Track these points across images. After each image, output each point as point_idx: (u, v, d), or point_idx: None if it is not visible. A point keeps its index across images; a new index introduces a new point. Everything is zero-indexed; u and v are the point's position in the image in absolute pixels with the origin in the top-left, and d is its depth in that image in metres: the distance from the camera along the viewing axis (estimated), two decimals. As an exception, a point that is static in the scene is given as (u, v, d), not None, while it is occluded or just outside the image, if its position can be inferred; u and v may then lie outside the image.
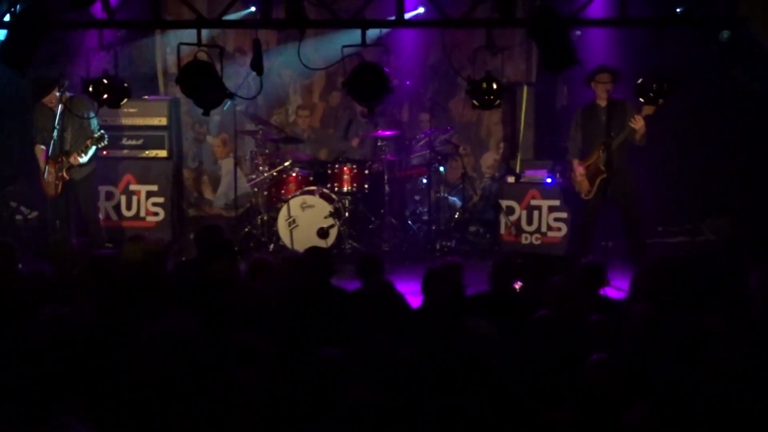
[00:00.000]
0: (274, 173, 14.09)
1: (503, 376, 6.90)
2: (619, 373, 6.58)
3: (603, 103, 12.15)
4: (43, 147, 12.37)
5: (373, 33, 9.63)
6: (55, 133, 12.13)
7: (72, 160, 12.22)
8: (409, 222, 14.58)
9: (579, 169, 12.41)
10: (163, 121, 14.39)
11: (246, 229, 14.10)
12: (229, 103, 11.69)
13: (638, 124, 11.86)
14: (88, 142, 12.23)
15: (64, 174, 12.32)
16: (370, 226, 14.26)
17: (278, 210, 13.64)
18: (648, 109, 11.68)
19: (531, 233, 13.48)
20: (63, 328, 6.82)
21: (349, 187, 13.90)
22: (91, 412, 5.96)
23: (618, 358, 6.83)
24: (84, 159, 12.27)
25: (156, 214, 14.24)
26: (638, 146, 12.11)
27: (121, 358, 6.62)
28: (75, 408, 5.86)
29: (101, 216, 13.70)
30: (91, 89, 10.15)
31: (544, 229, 13.43)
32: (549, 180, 13.52)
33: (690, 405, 6.34)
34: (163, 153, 14.41)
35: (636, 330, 7.40)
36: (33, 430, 5.31)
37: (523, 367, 7.12)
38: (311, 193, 13.64)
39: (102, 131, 12.38)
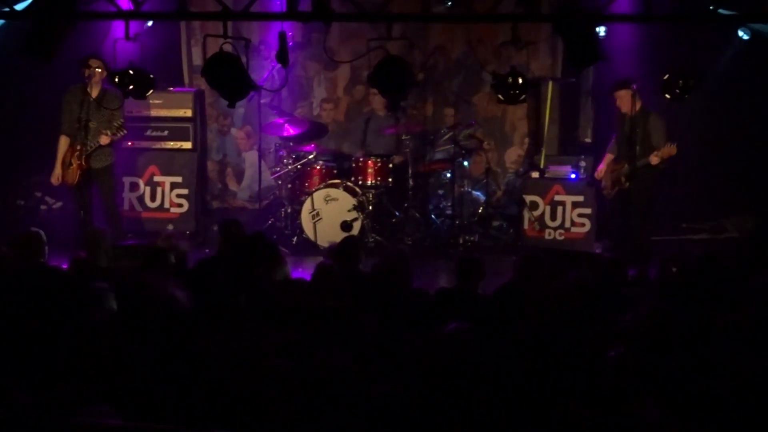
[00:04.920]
0: (298, 166, 14.11)
1: (519, 369, 6.91)
2: (637, 369, 6.57)
3: (628, 113, 12.21)
4: (68, 138, 12.45)
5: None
6: (81, 121, 12.25)
7: (102, 140, 12.33)
8: (433, 216, 14.56)
9: (601, 167, 12.57)
10: (188, 113, 14.43)
11: (269, 222, 14.12)
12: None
13: (654, 161, 12.07)
14: (111, 131, 12.36)
15: (83, 162, 12.37)
16: (394, 220, 14.25)
17: (302, 203, 13.67)
18: (665, 152, 11.89)
19: (554, 229, 13.45)
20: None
21: (373, 181, 13.90)
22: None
23: (635, 354, 6.83)
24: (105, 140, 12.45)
25: (180, 205, 14.27)
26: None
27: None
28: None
29: (125, 207, 13.78)
30: (117, 80, 10.19)
31: (567, 224, 13.39)
32: (573, 176, 13.49)
33: (704, 404, 6.32)
34: (187, 144, 14.45)
35: (648, 326, 7.39)
36: (69, 418, 5.34)
37: (540, 361, 7.12)
38: (335, 186, 13.66)
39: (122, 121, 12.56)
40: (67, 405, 5.70)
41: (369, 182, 13.90)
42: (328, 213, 13.46)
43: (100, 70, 12.16)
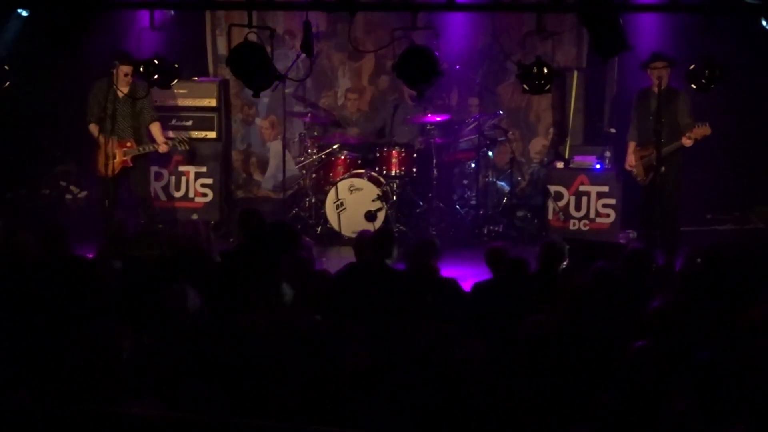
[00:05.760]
0: (323, 156, 14.12)
1: (549, 361, 6.90)
2: (662, 360, 6.54)
3: (656, 89, 12.11)
4: (97, 125, 12.50)
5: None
6: (107, 113, 12.30)
7: (160, 149, 12.49)
8: (457, 206, 14.55)
9: (630, 158, 12.50)
10: (213, 103, 14.44)
11: (294, 212, 14.13)
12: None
13: (688, 143, 11.98)
14: (175, 143, 12.67)
15: (128, 160, 12.47)
16: (418, 210, 14.22)
17: (326, 192, 13.66)
18: (699, 132, 11.80)
19: (579, 219, 13.41)
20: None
21: (397, 171, 13.87)
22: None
23: (661, 346, 6.80)
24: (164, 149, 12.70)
25: (204, 195, 14.30)
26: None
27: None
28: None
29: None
30: (141, 70, 10.21)
31: (592, 215, 13.36)
32: (598, 166, 13.44)
33: (729, 396, 6.29)
34: (212, 134, 14.46)
35: (672, 317, 7.35)
36: (117, 410, 5.36)
37: (568, 352, 7.11)
38: (359, 176, 13.65)
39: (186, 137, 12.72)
40: (108, 398, 5.73)
41: (393, 172, 13.87)
42: (353, 203, 13.46)
43: (128, 75, 12.15)
